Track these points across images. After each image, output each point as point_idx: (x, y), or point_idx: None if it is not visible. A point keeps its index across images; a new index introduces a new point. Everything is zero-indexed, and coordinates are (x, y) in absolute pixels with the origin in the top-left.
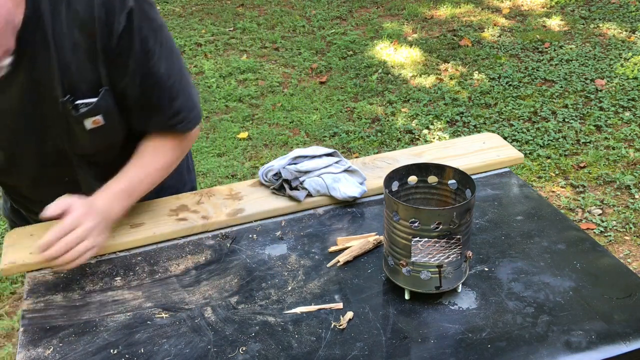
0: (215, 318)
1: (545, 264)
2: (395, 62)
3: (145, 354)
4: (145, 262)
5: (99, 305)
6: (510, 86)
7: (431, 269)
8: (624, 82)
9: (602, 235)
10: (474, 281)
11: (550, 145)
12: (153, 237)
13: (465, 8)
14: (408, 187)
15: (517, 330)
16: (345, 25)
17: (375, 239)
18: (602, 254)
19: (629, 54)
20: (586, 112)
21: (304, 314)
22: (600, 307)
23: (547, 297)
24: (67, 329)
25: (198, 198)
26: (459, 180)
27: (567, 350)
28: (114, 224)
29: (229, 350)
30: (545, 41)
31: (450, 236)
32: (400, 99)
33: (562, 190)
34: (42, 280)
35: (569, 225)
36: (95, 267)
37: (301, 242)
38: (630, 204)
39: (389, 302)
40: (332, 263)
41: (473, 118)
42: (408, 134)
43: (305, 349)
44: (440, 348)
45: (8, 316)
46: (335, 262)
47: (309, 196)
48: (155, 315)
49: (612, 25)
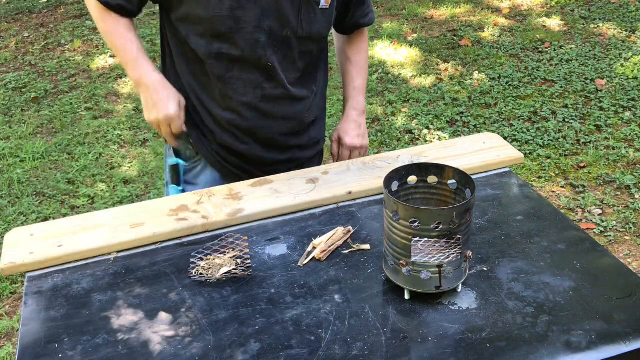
0: (215, 318)
1: (545, 264)
2: (395, 62)
3: (145, 354)
4: (145, 262)
5: (99, 305)
6: (510, 86)
7: (431, 269)
8: (624, 82)
9: (602, 235)
10: (474, 281)
11: (550, 145)
12: (153, 237)
13: (465, 8)
14: (408, 187)
15: (517, 330)
16: None
17: (343, 230)
18: (602, 254)
19: (629, 54)
20: (586, 112)
21: (304, 314)
22: (600, 307)
23: (547, 297)
24: (67, 329)
25: (198, 198)
26: (459, 180)
27: (567, 350)
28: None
29: (229, 350)
30: (545, 41)
31: (450, 236)
32: (400, 99)
33: (562, 190)
34: (42, 281)
35: (569, 225)
36: (95, 267)
37: (301, 242)
38: (630, 204)
39: (389, 302)
40: (308, 260)
41: (473, 118)
42: (408, 134)
43: (305, 349)
44: (440, 348)
45: (8, 316)
46: (310, 258)
47: None
48: (155, 315)
49: (612, 25)
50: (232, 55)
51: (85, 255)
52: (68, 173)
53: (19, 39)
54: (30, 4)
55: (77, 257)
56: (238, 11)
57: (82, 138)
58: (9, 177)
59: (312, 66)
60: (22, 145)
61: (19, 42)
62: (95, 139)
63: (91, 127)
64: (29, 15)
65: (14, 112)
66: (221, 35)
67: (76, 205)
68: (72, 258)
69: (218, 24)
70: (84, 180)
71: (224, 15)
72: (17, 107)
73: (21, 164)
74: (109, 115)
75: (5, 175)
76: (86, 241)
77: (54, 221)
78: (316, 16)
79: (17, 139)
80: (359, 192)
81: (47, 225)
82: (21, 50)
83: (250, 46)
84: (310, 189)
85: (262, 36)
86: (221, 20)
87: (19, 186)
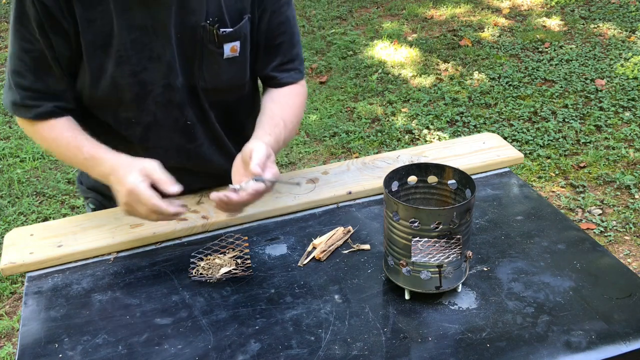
0: (215, 318)
1: (545, 264)
2: (395, 62)
3: (145, 354)
4: (145, 262)
5: (99, 305)
6: (510, 86)
7: (431, 269)
8: (624, 82)
9: (602, 235)
10: (474, 281)
11: (550, 145)
12: (153, 237)
13: (465, 8)
14: (408, 187)
15: (517, 330)
16: (345, 25)
17: (343, 230)
18: (602, 254)
19: (629, 54)
20: (586, 112)
21: (304, 314)
22: (600, 307)
23: (547, 297)
24: (67, 329)
25: (198, 198)
26: (459, 180)
27: (567, 350)
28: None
29: (229, 350)
30: (545, 41)
31: (450, 236)
32: (400, 99)
33: (562, 190)
34: (41, 281)
35: (569, 225)
36: (95, 267)
37: (301, 242)
38: (630, 204)
39: (389, 302)
40: (308, 260)
41: (473, 118)
42: (408, 134)
43: (305, 349)
44: (440, 348)
45: (8, 316)
46: (310, 258)
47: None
48: (155, 315)
49: (612, 25)
50: (143, 121)
51: (85, 256)
52: (68, 173)
53: None
54: None
55: (77, 257)
56: (142, 74)
57: None
58: (9, 177)
59: (239, 114)
60: (22, 145)
61: None
62: None
63: None
64: None
65: None
66: (128, 102)
67: (76, 205)
68: (72, 258)
69: (123, 92)
70: None
71: (129, 83)
72: None
73: (21, 164)
74: None
75: (5, 175)
76: (86, 241)
77: (54, 221)
78: (221, 67)
79: (17, 139)
80: (359, 192)
81: (47, 225)
82: None
83: (162, 107)
84: (310, 189)
85: (174, 95)
86: (125, 88)
87: (19, 186)
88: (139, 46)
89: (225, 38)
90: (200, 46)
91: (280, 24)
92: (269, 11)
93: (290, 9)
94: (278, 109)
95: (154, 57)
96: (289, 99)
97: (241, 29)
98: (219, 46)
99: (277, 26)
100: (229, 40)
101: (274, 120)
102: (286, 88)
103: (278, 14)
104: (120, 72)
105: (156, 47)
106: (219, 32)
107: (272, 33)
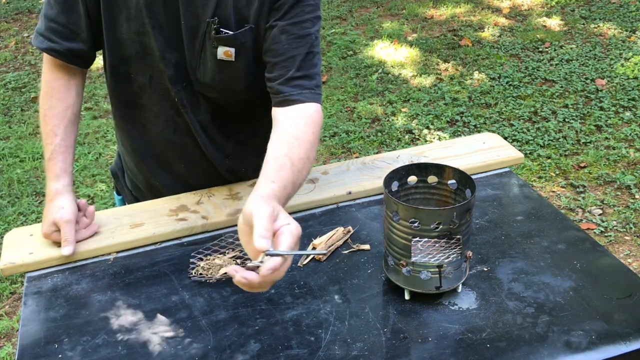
0: (215, 318)
1: (545, 264)
2: (395, 62)
3: (145, 354)
4: (145, 262)
5: (99, 305)
6: (510, 86)
7: (431, 269)
8: (624, 82)
9: (602, 235)
10: (474, 281)
11: (550, 145)
12: (153, 237)
13: (465, 8)
14: (408, 187)
15: (517, 330)
16: (345, 25)
17: (343, 231)
18: (602, 254)
19: (629, 54)
20: (586, 112)
21: (303, 314)
22: (600, 307)
23: (547, 297)
24: (67, 330)
25: (198, 198)
26: (459, 180)
27: (567, 350)
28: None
29: (228, 350)
30: (545, 41)
31: (450, 236)
32: (400, 99)
33: (562, 190)
34: (41, 281)
35: (569, 225)
36: (95, 268)
37: (301, 242)
38: (630, 204)
39: (389, 302)
40: (308, 260)
41: (473, 118)
42: (408, 134)
43: (305, 349)
44: (440, 348)
45: (8, 316)
46: (310, 258)
47: None
48: (155, 315)
49: (612, 25)
50: (139, 80)
51: (84, 256)
52: None
53: (19, 38)
54: (30, 4)
55: (76, 257)
56: (144, 37)
57: (82, 138)
58: (8, 177)
59: (233, 116)
60: (22, 145)
61: (19, 42)
62: (95, 139)
63: (91, 127)
64: (28, 15)
65: (13, 112)
66: (128, 57)
67: None
68: (71, 258)
69: (125, 46)
70: (83, 180)
71: (132, 40)
72: (17, 107)
73: (21, 164)
74: (108, 115)
75: (5, 175)
76: (86, 241)
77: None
78: (212, 66)
79: (17, 139)
80: (359, 192)
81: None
82: (21, 50)
83: (157, 75)
84: (310, 189)
85: (168, 69)
86: (127, 43)
87: (18, 186)
88: (148, 12)
89: (221, 40)
90: (202, 39)
91: (298, 36)
92: (289, 20)
93: (314, 23)
94: (284, 145)
95: (156, 26)
96: (298, 130)
97: (238, 37)
98: (214, 46)
99: (294, 37)
100: (225, 44)
101: (278, 162)
102: (296, 113)
103: (298, 25)
104: (127, 28)
105: (162, 18)
106: (219, 32)
107: (283, 45)
